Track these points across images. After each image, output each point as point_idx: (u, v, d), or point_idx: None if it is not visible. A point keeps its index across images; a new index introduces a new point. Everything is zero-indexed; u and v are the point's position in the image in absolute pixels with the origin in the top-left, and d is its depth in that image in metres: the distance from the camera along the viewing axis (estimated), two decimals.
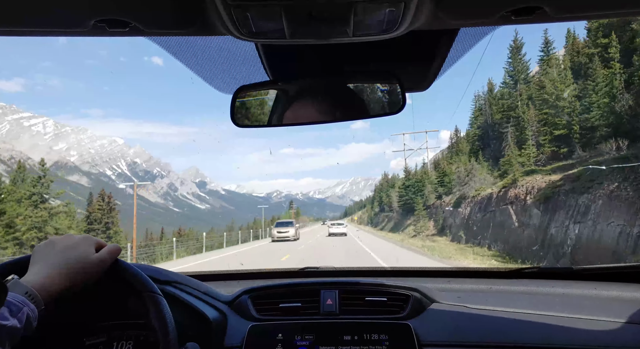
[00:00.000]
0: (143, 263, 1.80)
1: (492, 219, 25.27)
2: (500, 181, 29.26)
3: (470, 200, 31.70)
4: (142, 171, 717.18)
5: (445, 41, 1.04)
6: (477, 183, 32.80)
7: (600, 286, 1.51)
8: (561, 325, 1.23)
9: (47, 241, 0.97)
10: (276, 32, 0.74)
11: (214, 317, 1.27)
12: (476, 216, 28.74)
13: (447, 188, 41.74)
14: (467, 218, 30.75)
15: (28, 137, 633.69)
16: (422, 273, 1.85)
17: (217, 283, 1.72)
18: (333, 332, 1.27)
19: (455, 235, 31.91)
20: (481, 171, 34.07)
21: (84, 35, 0.79)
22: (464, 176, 35.33)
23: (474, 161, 36.49)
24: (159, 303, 0.98)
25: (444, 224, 37.14)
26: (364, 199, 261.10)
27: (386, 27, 0.74)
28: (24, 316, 0.79)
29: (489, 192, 27.97)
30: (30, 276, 0.88)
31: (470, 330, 1.26)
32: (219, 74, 1.18)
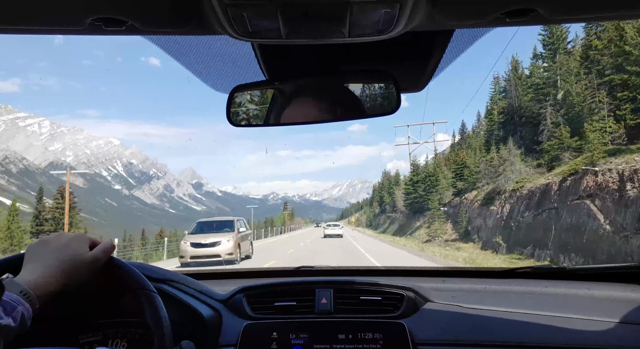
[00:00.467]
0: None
1: (553, 220, 18.38)
2: (544, 171, 22.21)
3: (508, 195, 24.90)
4: (138, 172, 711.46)
5: (441, 42, 1.04)
6: (514, 174, 25.70)
7: (593, 286, 1.51)
8: (555, 325, 1.23)
9: (41, 240, 0.97)
10: (272, 31, 0.74)
11: (209, 315, 1.28)
12: (522, 216, 21.91)
13: (469, 182, 35.12)
14: (506, 219, 23.89)
15: (23, 138, 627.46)
16: (416, 272, 1.85)
17: (212, 281, 1.71)
18: (328, 331, 1.28)
19: (489, 241, 25.17)
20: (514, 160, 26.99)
21: (80, 34, 0.79)
22: (497, 166, 28.30)
23: (511, 145, 28.59)
24: (153, 301, 0.98)
25: (469, 226, 30.31)
26: (361, 201, 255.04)
27: (382, 28, 0.75)
28: (19, 315, 0.78)
29: (542, 183, 21.06)
30: (25, 274, 0.88)
31: (464, 329, 1.27)
32: (216, 73, 1.18)
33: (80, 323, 1.20)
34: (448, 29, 0.95)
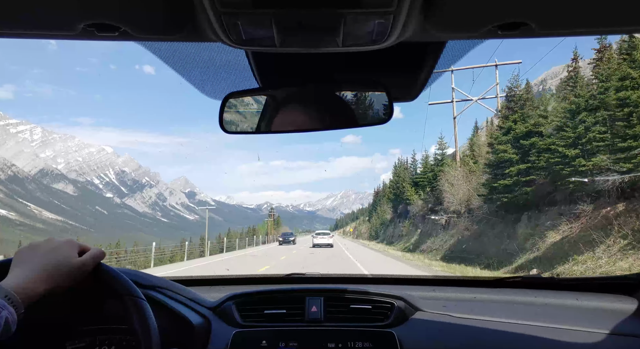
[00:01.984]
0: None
1: None
2: None
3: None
4: (131, 180, 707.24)
5: (433, 53, 1.05)
6: None
7: (582, 296, 1.52)
8: (543, 336, 1.24)
9: (29, 245, 0.97)
10: (266, 40, 0.75)
11: (197, 322, 1.27)
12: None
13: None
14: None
15: (14, 144, 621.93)
16: (407, 280, 1.85)
17: (201, 288, 1.71)
18: (317, 339, 1.28)
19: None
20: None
21: (72, 39, 0.78)
22: None
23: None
24: (142, 307, 0.98)
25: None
26: (356, 211, 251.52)
27: (375, 38, 0.75)
28: (2, 320, 0.77)
29: None
30: (11, 279, 0.87)
31: (453, 339, 1.27)
32: (209, 80, 1.18)
33: (67, 329, 1.19)
34: (440, 40, 0.97)
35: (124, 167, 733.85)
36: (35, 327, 1.04)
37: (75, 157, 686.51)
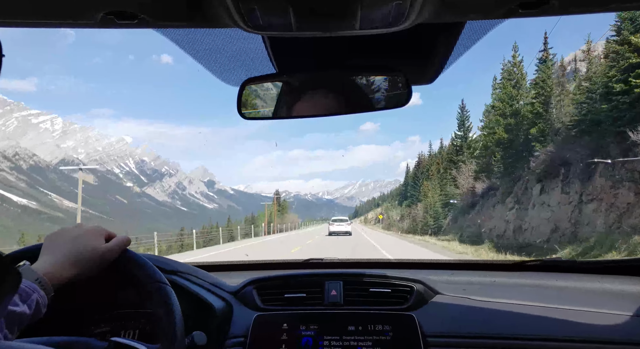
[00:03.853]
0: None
1: None
2: None
3: None
4: (150, 170, 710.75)
5: (452, 34, 1.04)
6: None
7: (604, 279, 1.51)
8: (565, 318, 1.23)
9: (59, 230, 1.00)
10: (283, 24, 0.75)
11: (219, 307, 1.30)
12: None
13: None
14: None
15: (35, 135, 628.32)
16: (425, 265, 1.85)
17: (222, 273, 1.74)
18: (337, 322, 1.29)
19: None
20: None
21: (92, 27, 0.79)
22: None
23: None
24: (166, 292, 1.00)
25: None
26: (377, 197, 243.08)
27: (392, 21, 0.75)
28: (34, 303, 0.80)
29: None
30: (41, 263, 0.90)
31: (473, 322, 1.27)
32: (226, 66, 1.18)
33: (93, 314, 1.23)
34: (459, 21, 0.95)
35: (144, 157, 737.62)
36: (63, 311, 1.05)
37: (95, 147, 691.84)
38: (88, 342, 0.99)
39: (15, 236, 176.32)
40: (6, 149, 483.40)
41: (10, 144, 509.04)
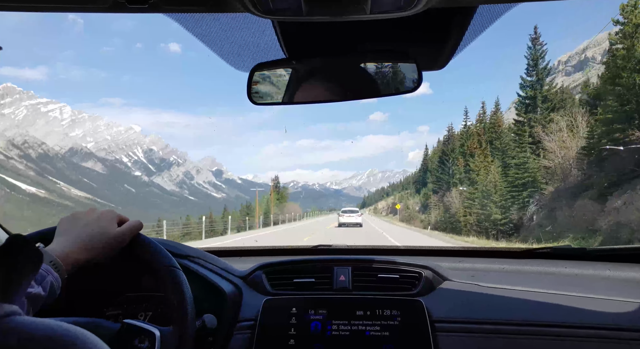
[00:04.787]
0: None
1: None
2: None
3: None
4: (158, 159, 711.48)
5: (463, 19, 1.03)
6: None
7: (614, 266, 1.50)
8: (574, 305, 1.23)
9: (72, 214, 1.02)
10: (293, 9, 0.74)
11: (229, 291, 1.31)
12: None
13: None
14: None
15: (44, 123, 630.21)
16: (434, 252, 1.86)
17: (232, 258, 1.75)
18: (346, 307, 1.30)
19: None
20: None
21: (104, 12, 0.79)
22: None
23: None
24: (177, 277, 1.02)
25: None
26: (387, 186, 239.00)
27: (404, 5, 0.74)
28: (48, 285, 0.82)
29: None
30: (55, 245, 0.92)
31: (482, 308, 1.28)
32: (236, 51, 1.18)
33: (106, 297, 1.26)
34: (471, 5, 0.94)
35: (152, 146, 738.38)
36: (76, 293, 1.07)
37: (104, 136, 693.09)
38: (101, 323, 1.00)
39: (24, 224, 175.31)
40: (15, 137, 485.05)
41: (19, 132, 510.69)
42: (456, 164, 52.11)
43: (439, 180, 57.88)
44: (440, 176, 57.76)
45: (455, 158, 53.48)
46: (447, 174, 55.14)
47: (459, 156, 51.72)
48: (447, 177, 54.80)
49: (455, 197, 42.36)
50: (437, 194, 54.39)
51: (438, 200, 51.65)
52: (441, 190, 53.86)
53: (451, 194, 44.64)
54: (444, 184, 54.64)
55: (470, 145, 49.27)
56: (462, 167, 49.65)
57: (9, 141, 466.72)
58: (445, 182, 54.44)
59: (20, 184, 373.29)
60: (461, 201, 40.37)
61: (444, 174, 56.74)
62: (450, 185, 50.39)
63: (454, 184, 48.66)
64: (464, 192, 41.09)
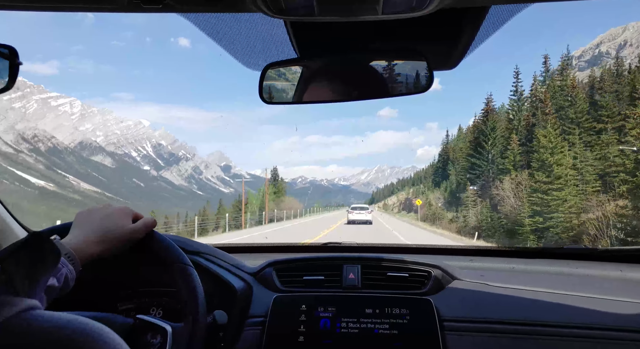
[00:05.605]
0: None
1: None
2: None
3: None
4: (167, 153, 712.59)
5: (475, 19, 1.02)
6: None
7: (625, 267, 1.50)
8: (584, 305, 1.23)
9: (89, 208, 1.04)
10: (305, 9, 0.74)
11: (240, 287, 1.33)
12: None
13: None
14: None
15: (54, 117, 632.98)
16: (444, 250, 1.86)
17: (242, 255, 1.76)
18: (355, 305, 1.30)
19: None
20: None
21: (119, 11, 0.79)
22: None
23: None
24: (189, 273, 1.03)
25: None
26: (396, 183, 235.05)
27: (415, 5, 0.73)
28: (63, 277, 0.83)
29: None
30: (70, 238, 0.94)
31: (491, 307, 1.28)
32: (248, 51, 1.19)
33: (119, 291, 1.28)
34: (483, 5, 0.94)
35: (161, 141, 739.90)
36: (90, 286, 1.09)
37: (113, 131, 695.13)
38: (115, 318, 1.02)
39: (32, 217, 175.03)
40: (25, 131, 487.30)
41: (29, 126, 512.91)
42: (498, 146, 42.80)
43: (473, 168, 47.15)
44: (476, 163, 46.82)
45: (496, 138, 44.36)
46: (486, 160, 45.65)
47: (511, 134, 41.54)
48: (486, 163, 45.60)
49: (510, 189, 31.66)
50: (475, 186, 43.62)
51: (476, 194, 40.76)
52: (481, 180, 44.10)
53: (501, 185, 33.73)
54: (482, 172, 45.08)
55: (525, 117, 40.61)
56: (516, 146, 38.40)
57: (19, 134, 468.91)
58: (484, 170, 45.22)
59: (29, 177, 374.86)
60: (518, 192, 31.15)
61: (481, 160, 46.56)
62: (491, 173, 42.03)
63: (503, 170, 38.60)
64: (525, 181, 30.61)
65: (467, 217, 39.20)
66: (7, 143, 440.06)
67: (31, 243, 0.69)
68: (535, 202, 28.94)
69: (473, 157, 47.81)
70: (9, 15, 29.97)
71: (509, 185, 32.13)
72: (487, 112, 50.88)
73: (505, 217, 31.35)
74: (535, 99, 41.71)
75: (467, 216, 39.14)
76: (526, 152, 36.71)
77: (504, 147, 42.05)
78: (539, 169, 30.62)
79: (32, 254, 0.69)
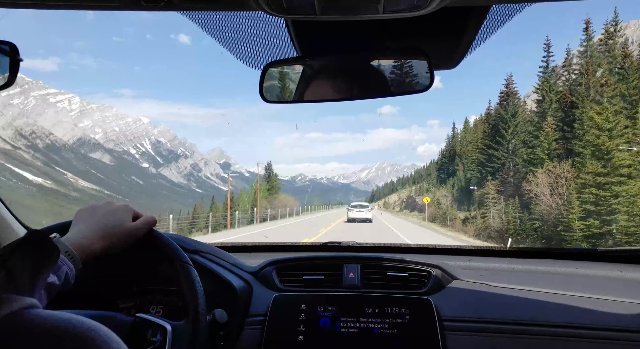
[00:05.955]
0: None
1: None
2: None
3: None
4: (166, 151, 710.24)
5: (477, 18, 1.02)
6: None
7: (626, 268, 1.51)
8: (584, 306, 1.23)
9: (89, 206, 1.04)
10: (306, 8, 0.74)
11: (240, 286, 1.33)
12: None
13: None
14: None
15: (53, 114, 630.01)
16: (444, 250, 1.87)
17: (242, 254, 1.77)
18: (355, 304, 1.31)
19: None
20: None
21: (120, 9, 0.80)
22: None
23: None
24: (189, 272, 1.03)
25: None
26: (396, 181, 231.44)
27: (417, 4, 0.73)
28: (63, 274, 0.83)
29: None
30: (70, 236, 0.94)
31: (490, 307, 1.28)
32: (249, 49, 1.19)
33: (119, 290, 1.28)
34: (484, 4, 0.94)
35: (160, 138, 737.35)
36: (90, 284, 1.09)
37: (112, 128, 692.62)
38: (115, 316, 1.03)
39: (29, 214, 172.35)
40: (23, 128, 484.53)
41: (27, 122, 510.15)
42: (520, 135, 36.90)
43: (490, 160, 41.43)
44: (494, 154, 41.12)
45: (517, 125, 38.69)
46: (506, 152, 39.55)
47: (545, 117, 34.24)
48: (506, 155, 39.29)
49: (546, 184, 24.64)
50: (493, 181, 36.64)
51: (497, 190, 34.32)
52: (500, 174, 37.96)
53: (534, 179, 26.22)
54: (502, 165, 38.99)
55: (563, 96, 33.13)
56: (551, 131, 31.43)
57: (16, 131, 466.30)
58: (504, 162, 38.93)
59: (26, 174, 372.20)
60: (557, 188, 24.51)
61: (500, 151, 40.65)
62: (512, 165, 36.30)
63: (532, 162, 32.17)
64: (568, 173, 23.58)
65: (487, 218, 33.20)
66: (4, 140, 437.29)
67: (31, 240, 0.69)
68: (586, 200, 22.26)
69: (490, 148, 42.37)
70: (11, 11, 28.98)
71: (544, 179, 25.43)
72: (508, 95, 43.75)
73: (540, 219, 25.24)
74: (573, 73, 34.85)
75: (488, 217, 33.16)
76: (563, 139, 31.11)
77: (530, 134, 36.32)
78: (591, 156, 23.48)
79: (31, 252, 0.69)
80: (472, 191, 43.29)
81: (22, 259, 0.67)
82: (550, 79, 38.01)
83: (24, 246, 0.68)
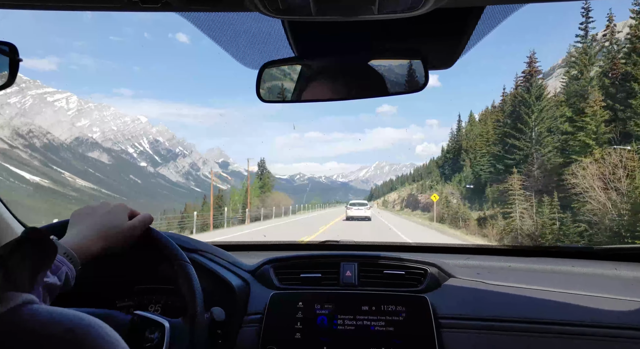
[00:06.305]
0: None
1: None
2: None
3: None
4: (165, 150, 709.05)
5: (472, 18, 1.03)
6: None
7: (621, 266, 1.52)
8: (580, 303, 1.24)
9: (85, 207, 1.05)
10: (302, 8, 0.75)
11: (237, 285, 1.34)
12: None
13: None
14: None
15: (51, 113, 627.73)
16: (440, 249, 1.88)
17: (240, 253, 1.78)
18: (352, 302, 1.32)
19: None
20: None
21: (117, 10, 0.80)
22: None
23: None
24: (187, 270, 1.04)
25: None
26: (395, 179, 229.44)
27: (412, 4, 0.74)
28: (63, 275, 0.84)
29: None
30: (69, 237, 0.94)
31: (487, 305, 1.29)
32: (246, 49, 1.19)
33: (118, 289, 1.29)
34: (479, 5, 0.94)
35: (158, 137, 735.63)
36: (89, 284, 1.09)
37: (110, 127, 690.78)
38: (113, 315, 1.03)
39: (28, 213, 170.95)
40: (20, 127, 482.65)
41: (25, 121, 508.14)
42: (545, 121, 31.66)
43: (510, 152, 36.43)
44: (514, 144, 35.90)
45: (542, 110, 33.17)
46: (529, 141, 34.37)
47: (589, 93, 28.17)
48: (529, 145, 34.18)
49: (596, 176, 19.14)
50: (517, 175, 30.71)
51: (522, 185, 28.75)
52: (524, 167, 32.67)
53: (580, 171, 20.94)
54: (525, 156, 33.95)
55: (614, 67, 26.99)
56: (599, 110, 25.34)
57: (14, 130, 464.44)
58: (527, 152, 33.88)
59: (24, 173, 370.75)
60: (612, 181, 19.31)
61: (522, 141, 35.49)
62: (537, 156, 31.53)
63: (575, 149, 26.34)
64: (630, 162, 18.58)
65: (512, 219, 27.59)
66: (2, 139, 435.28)
67: (29, 239, 0.70)
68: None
69: (511, 137, 36.84)
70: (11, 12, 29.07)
71: (594, 170, 20.08)
72: (531, 74, 37.22)
73: (588, 222, 20.10)
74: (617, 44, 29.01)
75: (513, 217, 27.53)
76: (616, 120, 25.09)
77: (560, 118, 30.69)
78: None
79: (29, 249, 0.70)
80: (483, 188, 39.71)
81: (22, 258, 0.68)
82: (589, 48, 32.50)
83: (22, 244, 0.69)
